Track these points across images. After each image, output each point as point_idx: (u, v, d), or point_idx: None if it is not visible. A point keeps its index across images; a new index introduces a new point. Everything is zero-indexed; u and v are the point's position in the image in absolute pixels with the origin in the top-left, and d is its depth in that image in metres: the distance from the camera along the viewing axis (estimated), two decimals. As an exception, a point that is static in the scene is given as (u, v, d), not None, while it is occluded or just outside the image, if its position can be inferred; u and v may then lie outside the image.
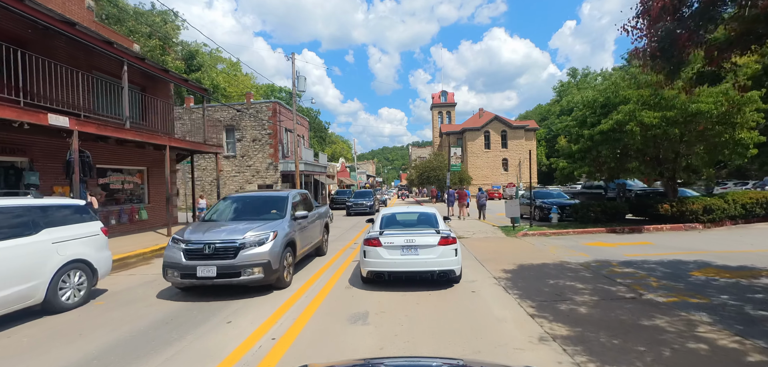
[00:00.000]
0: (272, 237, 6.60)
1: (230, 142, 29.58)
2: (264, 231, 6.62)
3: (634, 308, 5.36)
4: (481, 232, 14.45)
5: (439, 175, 41.54)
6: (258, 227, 6.74)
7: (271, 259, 6.38)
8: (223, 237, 6.38)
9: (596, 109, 13.72)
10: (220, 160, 29.63)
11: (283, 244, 6.79)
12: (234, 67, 58.95)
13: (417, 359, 2.54)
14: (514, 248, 10.94)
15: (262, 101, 29.37)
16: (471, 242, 12.17)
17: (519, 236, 13.10)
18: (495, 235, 13.68)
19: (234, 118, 29.15)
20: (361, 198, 25.98)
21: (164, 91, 16.89)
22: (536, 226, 14.35)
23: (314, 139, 78.19)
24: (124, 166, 14.50)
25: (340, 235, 15.33)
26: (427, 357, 3.17)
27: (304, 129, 37.25)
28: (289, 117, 29.57)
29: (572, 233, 13.08)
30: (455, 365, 1.94)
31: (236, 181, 29.23)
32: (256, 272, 6.24)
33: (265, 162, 29.09)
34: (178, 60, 36.81)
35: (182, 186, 29.59)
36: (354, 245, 12.48)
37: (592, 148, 13.49)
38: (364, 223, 18.65)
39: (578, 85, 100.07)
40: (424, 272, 6.65)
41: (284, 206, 7.89)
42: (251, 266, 6.19)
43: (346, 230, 17.10)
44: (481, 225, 16.76)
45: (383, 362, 1.79)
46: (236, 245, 6.26)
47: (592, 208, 13.98)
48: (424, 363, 2.08)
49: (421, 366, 2.05)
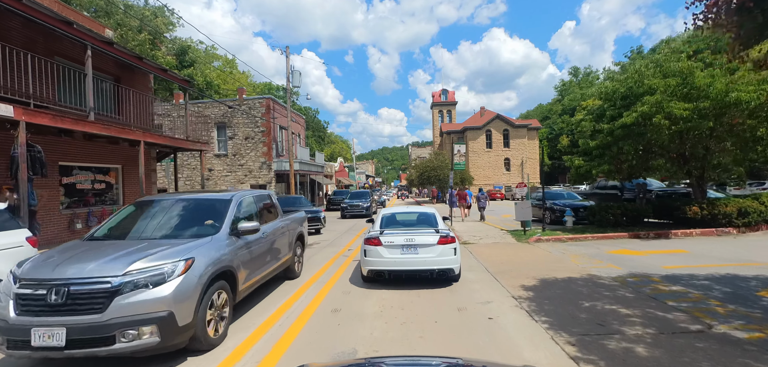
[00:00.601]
0: (183, 269, 3.96)
1: (222, 140, 28.23)
2: (167, 260, 3.96)
3: (711, 350, 4.01)
4: (487, 236, 13.12)
5: (440, 174, 40.22)
6: (159, 252, 4.07)
7: (175, 308, 3.76)
8: (87, 271, 3.70)
9: (616, 102, 12.39)
10: (207, 159, 28.36)
11: (205, 279, 4.18)
12: (230, 64, 57.64)
13: (416, 358, 2.58)
14: (529, 256, 9.60)
15: (255, 97, 28.04)
16: (479, 249, 10.83)
17: (531, 241, 11.76)
18: (504, 240, 12.34)
19: (225, 115, 27.80)
20: (357, 199, 24.40)
21: (143, 82, 15.54)
22: (549, 230, 13.01)
23: (312, 139, 76.86)
24: (94, 163, 13.14)
25: (333, 239, 13.97)
26: (427, 356, 3.16)
27: (300, 127, 35.92)
28: (284, 114, 28.24)
29: (591, 239, 11.74)
30: (454, 364, 1.94)
31: (228, 180, 27.88)
32: (145, 334, 3.61)
33: (258, 161, 27.75)
34: (169, 56, 35.44)
35: (170, 187, 28.23)
36: (346, 253, 11.12)
37: (611, 145, 12.16)
38: (362, 225, 17.34)
39: (580, 84, 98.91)
40: (423, 271, 6.75)
41: (223, 215, 5.21)
42: (136, 324, 3.58)
43: (340, 234, 15.75)
44: (486, 228, 15.43)
45: (383, 361, 1.84)
46: (108, 286, 3.62)
47: (612, 210, 12.64)
48: (424, 363, 2.10)
49: (421, 365, 2.06)
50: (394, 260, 6.64)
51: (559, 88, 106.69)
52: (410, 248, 6.67)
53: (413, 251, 6.66)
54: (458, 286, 6.86)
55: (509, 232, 13.75)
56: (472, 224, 17.66)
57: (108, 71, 13.48)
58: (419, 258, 6.64)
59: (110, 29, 18.00)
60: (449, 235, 6.85)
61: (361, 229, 17.00)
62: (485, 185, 51.95)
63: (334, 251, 11.40)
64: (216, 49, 58.96)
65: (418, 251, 6.66)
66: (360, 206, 23.17)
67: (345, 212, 23.10)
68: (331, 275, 7.93)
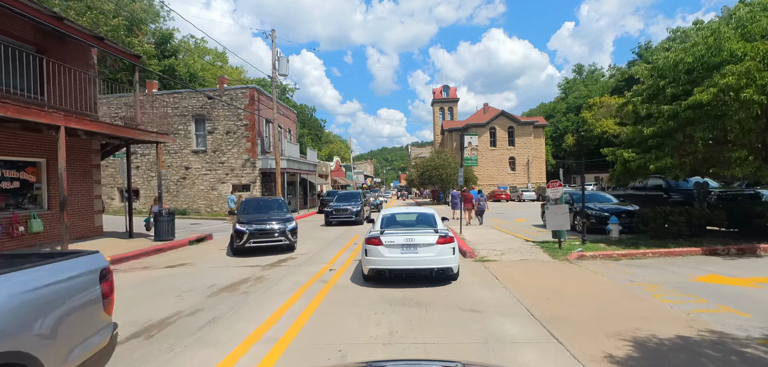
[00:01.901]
0: None
1: (200, 134, 25.33)
2: None
3: None
4: (510, 249, 10.24)
5: (443, 174, 37.34)
6: None
7: None
8: None
9: (679, 77, 9.53)
10: (183, 155, 25.30)
11: None
12: (221, 58, 54.76)
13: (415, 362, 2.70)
14: (583, 285, 6.72)
15: (238, 87, 25.17)
16: (505, 271, 7.94)
17: (572, 258, 8.88)
18: (534, 255, 9.45)
19: (204, 107, 24.90)
20: (346, 202, 19.74)
21: (81, 57, 12.63)
22: (591, 243, 10.12)
23: (307, 137, 73.93)
24: (3, 156, 10.25)
25: (315, 253, 11.05)
26: (426, 360, 3.23)
27: (290, 122, 33.04)
28: (270, 106, 25.34)
29: (651, 256, 8.86)
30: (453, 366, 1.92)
31: (206, 180, 24.98)
32: None
33: (240, 158, 24.86)
34: (148, 44, 32.51)
35: (143, 185, 25.34)
36: (325, 275, 8.21)
37: (675, 131, 9.30)
38: (354, 233, 14.37)
39: (585, 81, 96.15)
40: (423, 270, 6.86)
41: None
42: None
43: (326, 244, 12.83)
44: (502, 237, 12.56)
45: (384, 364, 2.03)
46: None
47: (672, 217, 9.76)
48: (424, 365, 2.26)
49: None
50: (394, 259, 6.76)
51: (562, 86, 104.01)
52: (410, 247, 6.78)
53: (413, 251, 6.77)
54: (495, 348, 3.98)
55: (537, 243, 10.86)
56: (479, 229, 14.77)
57: (25, 38, 10.59)
58: (419, 257, 6.76)
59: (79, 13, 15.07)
60: (448, 235, 6.98)
61: (353, 237, 14.11)
62: (489, 185, 49.15)
63: (312, 270, 8.51)
64: (206, 42, 56.27)
65: (418, 250, 6.77)
66: (348, 210, 18.82)
67: (330, 217, 18.84)
68: (293, 323, 5.04)
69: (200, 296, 6.57)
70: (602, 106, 68.16)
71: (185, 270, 8.92)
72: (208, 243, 13.43)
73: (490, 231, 14.63)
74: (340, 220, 18.76)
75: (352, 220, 18.55)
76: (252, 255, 10.35)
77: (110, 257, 9.82)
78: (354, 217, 18.61)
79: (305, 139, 69.89)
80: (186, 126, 24.98)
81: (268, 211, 11.74)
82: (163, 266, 9.54)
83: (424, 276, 7.06)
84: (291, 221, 11.05)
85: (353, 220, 18.52)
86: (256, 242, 10.34)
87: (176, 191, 25.03)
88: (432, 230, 7.05)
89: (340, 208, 19.05)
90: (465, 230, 14.12)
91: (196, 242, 13.52)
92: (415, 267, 6.78)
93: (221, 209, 24.75)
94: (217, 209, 24.75)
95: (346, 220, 18.62)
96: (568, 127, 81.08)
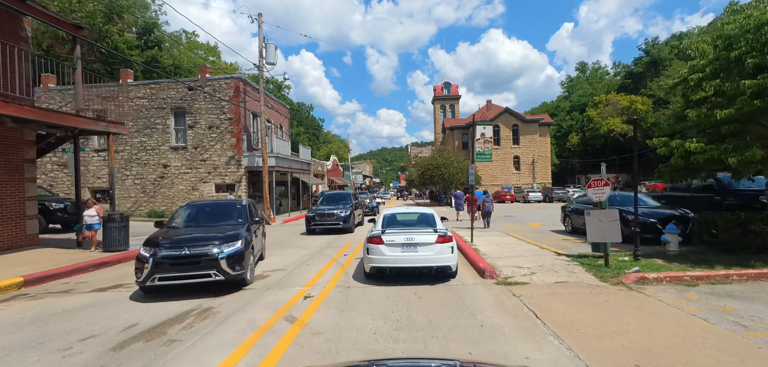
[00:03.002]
0: None
1: (180, 129, 23.05)
2: None
3: None
4: (538, 265, 7.99)
5: (445, 173, 35.08)
6: None
7: None
8: None
9: (763, 43, 7.32)
10: (162, 152, 22.73)
11: None
12: (212, 52, 52.51)
13: (416, 360, 2.73)
14: (678, 336, 4.45)
15: (222, 77, 22.89)
16: (543, 300, 5.69)
17: (628, 280, 6.63)
18: (575, 275, 7.20)
19: (184, 99, 22.63)
20: (332, 205, 16.10)
21: (6, 27, 10.34)
22: (645, 259, 7.87)
23: (304, 136, 71.71)
24: None
25: (292, 269, 8.78)
26: (426, 358, 3.23)
27: (282, 117, 30.78)
28: (258, 98, 23.08)
29: (736, 278, 6.62)
30: (452, 365, 1.98)
31: (187, 179, 22.70)
32: None
33: (224, 155, 22.59)
34: (129, 34, 30.20)
35: (116, 185, 23.02)
36: (297, 307, 5.96)
37: (763, 113, 7.07)
38: (345, 241, 11.93)
39: (589, 79, 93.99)
40: (422, 268, 7.08)
41: None
42: None
43: (300, 263, 10.57)
44: (524, 247, 10.32)
45: (385, 363, 1.91)
46: None
47: (755, 225, 7.52)
48: (423, 364, 2.30)
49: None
50: (395, 258, 6.94)
51: (566, 85, 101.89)
52: (410, 246, 6.95)
53: (413, 250, 6.95)
54: None
55: (573, 258, 8.60)
56: (494, 237, 12.51)
57: None
58: (419, 256, 6.92)
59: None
60: (447, 234, 7.18)
61: (343, 247, 11.87)
62: (493, 185, 46.90)
63: (281, 297, 6.26)
64: (197, 36, 54.07)
65: (418, 249, 6.94)
66: (334, 215, 15.20)
67: (312, 223, 15.22)
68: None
69: (97, 351, 4.33)
70: (608, 105, 66.00)
71: (111, 297, 6.66)
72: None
73: (505, 239, 12.38)
74: (324, 227, 15.29)
75: (339, 227, 15.20)
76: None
77: (24, 277, 7.57)
78: (341, 223, 15.18)
79: (302, 138, 67.56)
80: (164, 120, 22.71)
81: (212, 222, 7.85)
82: (90, 289, 7.29)
83: (423, 274, 7.39)
84: (235, 240, 6.74)
85: (340, 227, 15.20)
86: (166, 279, 6.24)
87: (153, 192, 22.75)
88: (431, 230, 7.28)
89: (324, 212, 15.41)
90: (477, 238, 11.86)
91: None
92: (414, 265, 6.99)
93: (203, 211, 22.48)
94: (199, 211, 22.46)
95: (332, 226, 15.23)
96: (573, 126, 78.87)
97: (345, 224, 15.23)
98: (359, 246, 12.10)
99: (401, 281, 7.21)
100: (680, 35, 76.09)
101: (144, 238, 7.20)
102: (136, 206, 22.71)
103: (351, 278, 7.82)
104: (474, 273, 7.93)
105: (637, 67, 72.17)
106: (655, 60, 68.59)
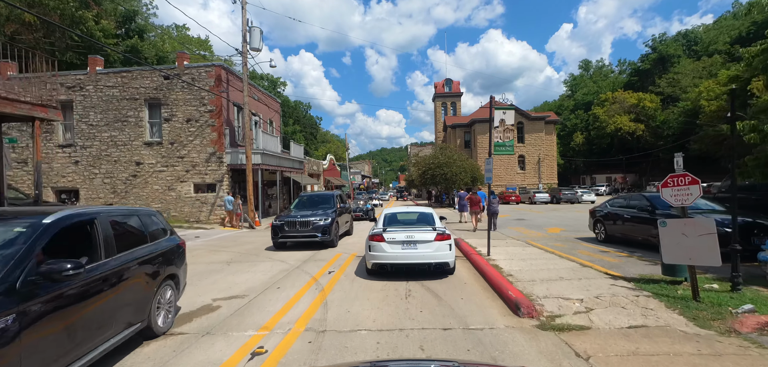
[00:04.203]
0: None
1: (154, 122, 20.76)
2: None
3: None
4: (592, 294, 5.72)
5: (448, 172, 32.85)
6: None
7: None
8: None
9: None
10: (135, 148, 20.08)
11: None
12: (202, 46, 50.24)
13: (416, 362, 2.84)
14: None
15: (202, 65, 20.58)
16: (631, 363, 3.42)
17: (744, 327, 4.38)
18: (654, 316, 4.93)
19: (160, 89, 20.34)
20: (309, 210, 12.35)
21: None
22: (746, 283, 5.60)
23: (300, 134, 69.44)
24: None
25: (247, 303, 6.49)
26: (425, 360, 3.35)
27: (272, 112, 28.48)
28: (240, 88, 20.80)
29: None
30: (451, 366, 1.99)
31: (162, 178, 20.40)
32: None
33: (204, 151, 20.30)
34: (105, 20, 27.87)
35: (85, 183, 20.74)
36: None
37: None
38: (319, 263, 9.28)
39: (593, 77, 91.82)
40: (422, 264, 7.30)
41: None
42: None
43: (262, 290, 8.32)
44: (560, 264, 8.06)
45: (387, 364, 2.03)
46: None
47: None
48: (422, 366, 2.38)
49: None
50: (395, 255, 7.19)
51: (569, 83, 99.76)
52: (410, 244, 7.20)
53: (413, 247, 7.18)
54: None
55: (639, 285, 6.30)
56: (513, 248, 10.22)
57: None
58: (418, 253, 7.16)
59: None
60: (445, 232, 7.45)
61: (325, 264, 9.60)
62: (497, 186, 44.68)
63: (211, 360, 4.00)
64: (188, 29, 51.89)
65: (418, 246, 7.18)
66: (310, 224, 11.42)
67: (280, 234, 11.59)
68: None
69: None
70: (615, 102, 63.76)
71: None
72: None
73: (528, 250, 10.10)
74: (297, 239, 11.50)
75: (316, 240, 11.37)
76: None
77: None
78: (319, 235, 11.33)
79: (298, 136, 65.29)
80: (137, 112, 20.41)
81: None
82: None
83: (423, 271, 7.53)
84: None
85: (319, 240, 11.37)
86: None
87: (125, 192, 20.45)
88: (430, 228, 7.55)
89: (295, 220, 11.52)
90: (494, 249, 9.59)
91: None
92: (414, 262, 7.21)
93: (180, 214, 20.23)
94: (176, 214, 20.21)
95: (307, 240, 11.41)
96: (578, 124, 76.68)
97: (324, 235, 11.39)
98: (351, 257, 9.81)
99: (402, 336, 4.95)
100: (686, 33, 74.20)
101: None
102: (106, 208, 20.41)
103: (332, 311, 5.57)
104: (502, 307, 5.67)
105: (644, 64, 70.01)
106: (662, 56, 66.44)
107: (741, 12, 62.91)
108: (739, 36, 56.38)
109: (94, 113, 20.45)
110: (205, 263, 9.88)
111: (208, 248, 12.48)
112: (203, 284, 7.58)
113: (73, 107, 20.47)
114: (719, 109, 43.42)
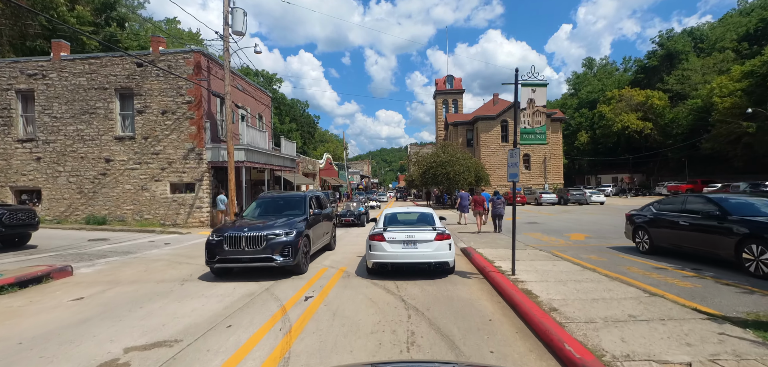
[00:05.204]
0: None
1: (126, 114, 18.67)
2: None
3: None
4: (677, 336, 3.67)
5: (450, 172, 30.82)
6: None
7: None
8: None
9: None
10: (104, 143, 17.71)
11: None
12: (194, 40, 48.13)
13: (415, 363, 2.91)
14: None
15: (179, 50, 18.47)
16: None
17: None
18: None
19: (132, 77, 18.25)
20: (266, 219, 8.57)
21: None
22: None
23: (297, 133, 67.32)
24: None
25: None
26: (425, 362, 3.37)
27: (262, 106, 26.40)
28: (221, 76, 18.71)
29: None
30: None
31: (135, 176, 18.31)
32: None
33: (182, 147, 18.21)
34: (81, 7, 25.73)
35: (48, 183, 18.64)
36: None
37: None
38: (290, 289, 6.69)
39: (597, 74, 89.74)
40: (422, 264, 7.31)
41: None
42: None
43: (189, 342, 6.22)
44: (601, 282, 6.00)
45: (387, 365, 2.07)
46: None
47: None
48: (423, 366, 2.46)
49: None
50: (395, 254, 7.20)
51: (572, 81, 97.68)
52: (410, 243, 7.21)
53: (413, 246, 7.20)
54: None
55: (761, 333, 4.24)
56: (542, 263, 8.16)
57: None
58: (418, 252, 7.16)
59: None
60: (445, 232, 7.43)
61: (304, 284, 7.52)
62: (501, 186, 42.65)
63: None
64: (179, 21, 49.87)
65: (418, 246, 7.19)
66: (264, 241, 7.47)
67: (216, 257, 7.52)
68: None
69: None
70: (621, 100, 61.67)
71: None
72: (39, 290, 6.93)
73: (560, 265, 8.02)
74: (244, 264, 7.56)
75: (273, 265, 7.49)
76: None
77: None
78: (279, 258, 7.47)
79: (294, 135, 63.13)
80: (107, 103, 18.31)
81: None
82: None
83: (423, 269, 7.56)
84: None
85: (278, 265, 7.49)
86: None
87: (93, 192, 18.35)
88: (430, 228, 7.52)
89: (240, 235, 7.51)
90: (520, 263, 7.51)
91: (16, 286, 7.04)
92: (414, 261, 7.19)
93: (155, 216, 18.14)
94: (150, 217, 18.12)
95: (260, 264, 7.54)
96: (582, 123, 74.65)
97: (286, 257, 7.54)
98: (339, 273, 7.68)
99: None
100: (691, 30, 72.21)
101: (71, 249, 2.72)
102: (72, 210, 18.31)
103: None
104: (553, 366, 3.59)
105: (652, 61, 67.89)
106: (670, 53, 64.35)
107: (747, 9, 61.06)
108: (746, 33, 54.48)
109: (59, 104, 18.35)
110: (156, 281, 7.81)
111: (171, 260, 10.40)
112: (130, 318, 5.52)
113: (34, 97, 18.38)
114: (733, 106, 41.40)
